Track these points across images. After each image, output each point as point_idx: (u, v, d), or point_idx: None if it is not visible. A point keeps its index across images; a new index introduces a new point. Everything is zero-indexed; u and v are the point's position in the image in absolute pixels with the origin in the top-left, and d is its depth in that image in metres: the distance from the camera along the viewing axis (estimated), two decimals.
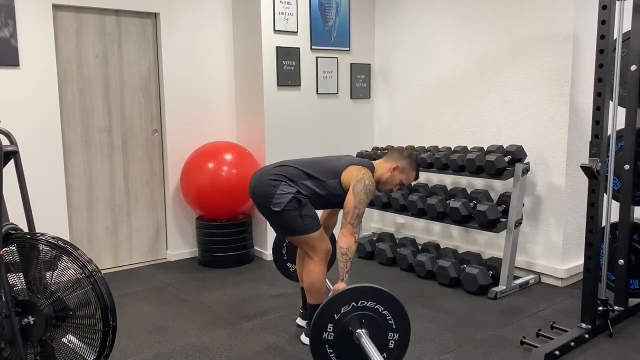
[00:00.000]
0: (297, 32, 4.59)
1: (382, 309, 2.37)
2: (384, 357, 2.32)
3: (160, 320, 3.41)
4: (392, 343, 2.42)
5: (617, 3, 2.84)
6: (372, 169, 2.94)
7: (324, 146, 4.81)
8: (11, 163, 2.29)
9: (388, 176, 2.95)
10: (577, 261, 3.92)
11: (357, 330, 2.35)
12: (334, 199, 2.89)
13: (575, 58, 3.69)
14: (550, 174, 3.88)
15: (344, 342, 2.36)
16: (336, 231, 3.00)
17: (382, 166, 2.98)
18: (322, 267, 2.89)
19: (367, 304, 2.36)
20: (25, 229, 2.32)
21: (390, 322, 2.40)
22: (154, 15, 4.45)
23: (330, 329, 2.35)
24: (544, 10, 3.80)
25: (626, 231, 3.18)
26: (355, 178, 2.79)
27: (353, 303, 2.35)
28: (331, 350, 2.37)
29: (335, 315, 2.34)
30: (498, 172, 3.75)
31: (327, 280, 3.10)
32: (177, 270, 4.45)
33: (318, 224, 2.86)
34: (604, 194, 3.01)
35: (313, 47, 4.69)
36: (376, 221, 5.33)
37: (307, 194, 2.83)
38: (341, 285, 2.63)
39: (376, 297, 2.37)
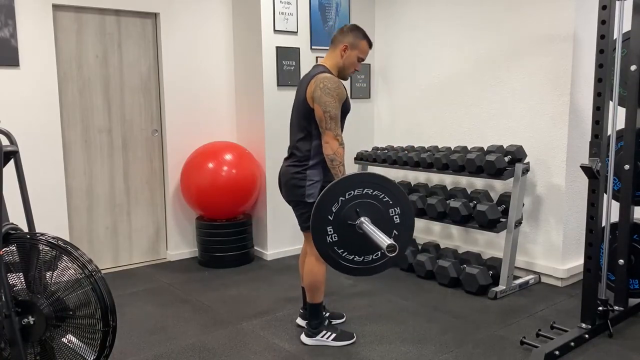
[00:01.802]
0: (297, 32, 4.58)
1: (372, 191, 2.33)
2: (394, 234, 2.28)
3: (160, 320, 3.40)
4: (396, 218, 2.39)
5: (617, 3, 2.84)
6: (325, 71, 2.85)
7: None
8: (11, 163, 2.29)
9: (343, 60, 2.89)
10: (577, 261, 3.92)
11: (357, 221, 2.31)
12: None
13: (575, 58, 3.69)
14: (550, 174, 3.88)
15: (350, 237, 2.32)
16: None
17: (332, 56, 2.92)
18: (322, 266, 2.88)
19: (355, 193, 2.32)
20: (25, 229, 2.32)
21: (385, 199, 2.36)
22: (154, 15, 4.45)
23: (330, 230, 2.31)
24: (544, 10, 3.80)
25: (626, 231, 3.18)
26: (312, 93, 2.76)
27: (341, 198, 2.31)
28: (342, 250, 2.33)
29: (329, 217, 2.30)
30: (498, 172, 3.75)
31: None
32: (177, 270, 4.45)
33: None
34: (604, 194, 3.01)
35: (313, 47, 4.68)
36: None
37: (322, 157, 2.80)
38: None
39: (360, 183, 2.33)
